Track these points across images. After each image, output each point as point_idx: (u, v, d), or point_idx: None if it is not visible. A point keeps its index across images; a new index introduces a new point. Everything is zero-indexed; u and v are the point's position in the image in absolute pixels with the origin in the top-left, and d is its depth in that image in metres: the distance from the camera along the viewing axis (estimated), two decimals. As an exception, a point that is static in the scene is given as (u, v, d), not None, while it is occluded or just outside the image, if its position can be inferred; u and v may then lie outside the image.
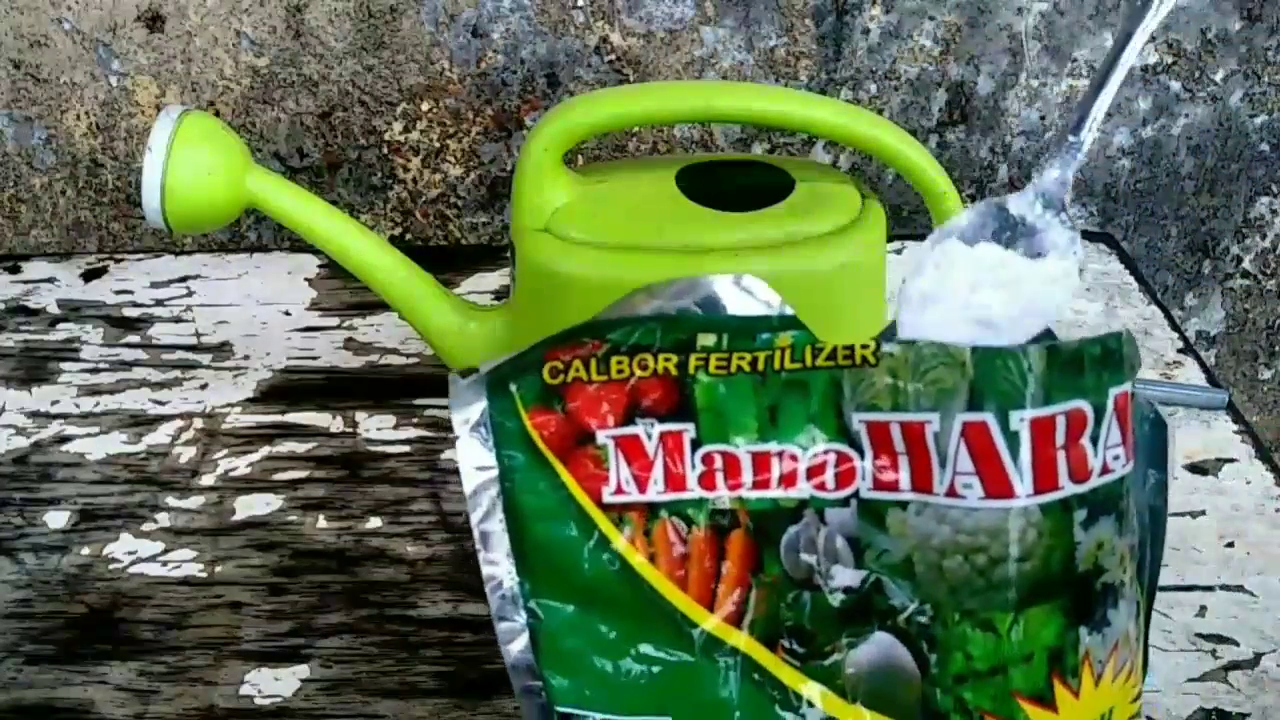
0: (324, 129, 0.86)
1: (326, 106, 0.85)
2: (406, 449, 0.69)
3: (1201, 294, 0.96)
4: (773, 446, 0.41)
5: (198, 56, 0.84)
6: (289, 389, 0.74)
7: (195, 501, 0.66)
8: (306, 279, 0.83)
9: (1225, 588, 0.61)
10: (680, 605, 0.42)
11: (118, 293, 0.82)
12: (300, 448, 0.70)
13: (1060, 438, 0.39)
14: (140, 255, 0.86)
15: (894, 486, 0.40)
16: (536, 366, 0.42)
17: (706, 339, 0.41)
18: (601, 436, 0.42)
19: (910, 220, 0.91)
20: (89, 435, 0.71)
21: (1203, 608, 0.60)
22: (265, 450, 0.69)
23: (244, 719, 0.55)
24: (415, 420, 0.71)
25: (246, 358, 0.76)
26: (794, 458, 0.41)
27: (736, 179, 0.64)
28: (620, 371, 0.41)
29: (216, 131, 0.65)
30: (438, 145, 0.86)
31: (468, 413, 0.43)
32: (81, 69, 0.85)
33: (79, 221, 0.89)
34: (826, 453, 0.41)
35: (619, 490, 0.42)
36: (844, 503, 0.41)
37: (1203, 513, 0.65)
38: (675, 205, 0.61)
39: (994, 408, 0.39)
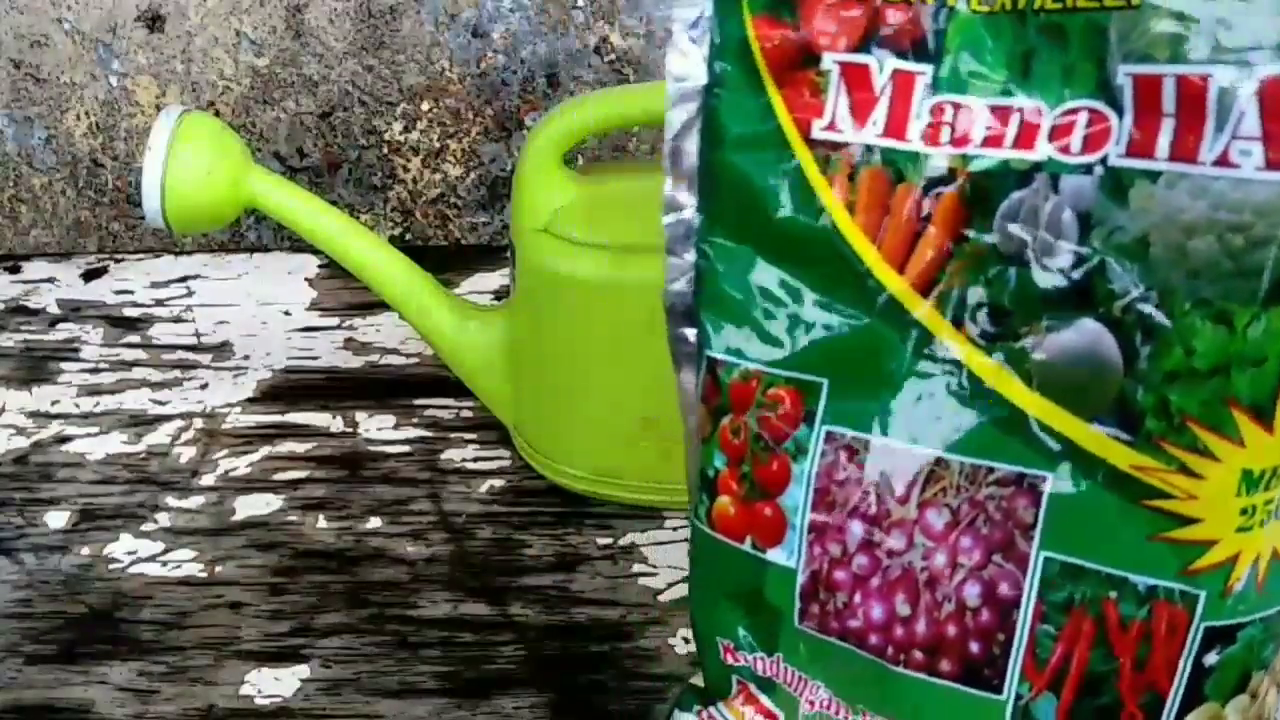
0: (324, 129, 0.86)
1: (326, 106, 0.85)
2: (406, 449, 0.69)
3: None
4: (1017, 100, 0.36)
5: (198, 56, 0.84)
6: (289, 389, 0.74)
7: (195, 501, 0.66)
8: (306, 279, 0.83)
9: (1225, 588, 0.61)
10: (870, 262, 0.38)
11: (118, 293, 0.82)
12: (300, 448, 0.70)
13: None
14: (140, 255, 0.86)
15: (1149, 153, 0.34)
16: None
17: None
18: (827, 60, 0.37)
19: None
20: (89, 435, 0.71)
21: (1203, 608, 0.60)
22: (265, 450, 0.69)
23: (244, 719, 0.55)
24: (415, 420, 0.71)
25: (246, 358, 0.76)
26: (1038, 113, 0.36)
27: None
28: None
29: (216, 131, 0.65)
30: (438, 145, 0.86)
31: (687, 11, 0.39)
32: (81, 69, 0.85)
33: (79, 221, 0.89)
34: (1078, 110, 0.35)
35: (832, 126, 0.38)
36: (1086, 170, 0.35)
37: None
38: (675, 205, 0.61)
39: None
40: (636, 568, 0.62)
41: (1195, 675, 0.37)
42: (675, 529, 0.64)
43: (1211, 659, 0.37)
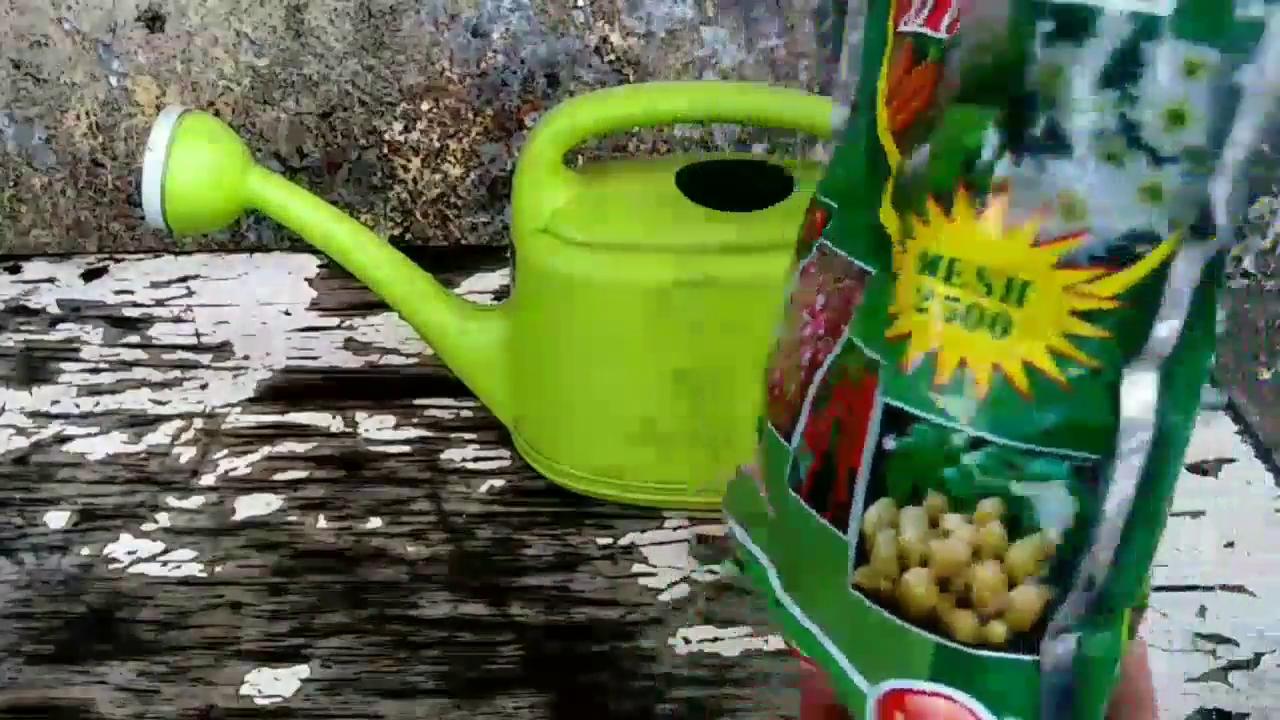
0: (324, 129, 0.86)
1: (326, 106, 0.85)
2: (406, 449, 0.69)
3: (1201, 294, 0.96)
4: None
5: (198, 56, 0.84)
6: (289, 389, 0.74)
7: (195, 501, 0.66)
8: (306, 279, 0.83)
9: (1225, 588, 0.61)
10: (877, 113, 0.43)
11: (118, 293, 0.82)
12: (300, 448, 0.70)
13: None
14: (140, 255, 0.86)
15: None
16: None
17: None
18: None
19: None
20: (89, 435, 0.71)
21: (1203, 608, 0.60)
22: (265, 450, 0.69)
23: (244, 719, 0.55)
24: (415, 420, 0.71)
25: (246, 358, 0.76)
26: None
27: (736, 179, 0.64)
28: None
29: (216, 131, 0.65)
30: (438, 145, 0.86)
31: None
32: (81, 69, 0.85)
33: (79, 221, 0.89)
34: None
35: None
36: None
37: (1203, 513, 0.65)
38: (675, 205, 0.61)
39: None
40: (636, 568, 0.62)
41: (878, 457, 0.40)
42: (675, 529, 0.64)
43: (890, 443, 0.40)
